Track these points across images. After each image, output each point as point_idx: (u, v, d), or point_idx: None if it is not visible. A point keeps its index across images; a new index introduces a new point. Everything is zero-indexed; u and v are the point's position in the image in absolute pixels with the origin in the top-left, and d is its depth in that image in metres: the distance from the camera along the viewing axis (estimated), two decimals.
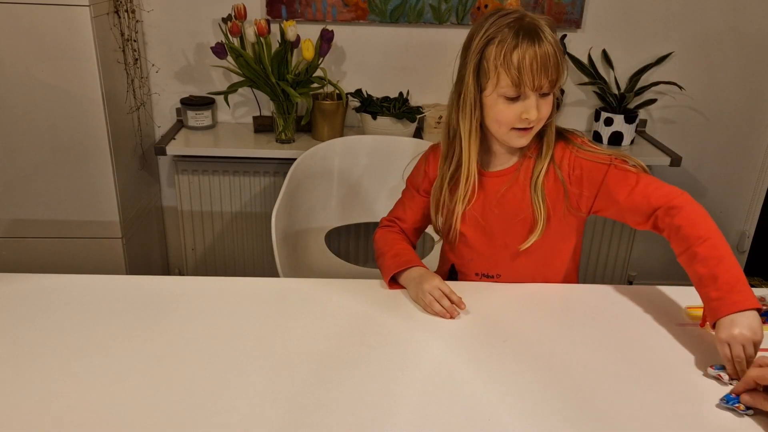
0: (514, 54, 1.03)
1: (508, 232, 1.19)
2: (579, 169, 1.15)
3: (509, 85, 1.05)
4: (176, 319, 1.04)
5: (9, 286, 1.12)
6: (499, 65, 1.04)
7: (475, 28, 1.09)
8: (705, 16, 2.07)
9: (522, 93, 1.06)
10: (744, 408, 0.86)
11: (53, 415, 0.83)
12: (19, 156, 1.75)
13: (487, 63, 1.06)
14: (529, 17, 1.06)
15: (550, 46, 1.04)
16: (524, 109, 1.07)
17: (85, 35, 1.63)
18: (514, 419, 0.85)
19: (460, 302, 1.07)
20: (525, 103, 1.07)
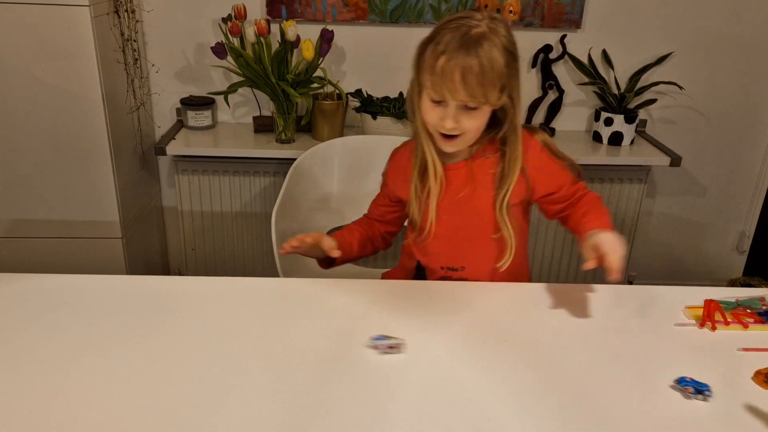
0: (440, 59, 1.03)
1: (469, 225, 1.21)
2: (540, 162, 1.20)
3: (431, 88, 1.06)
4: (176, 319, 1.04)
5: (9, 286, 1.12)
6: (427, 67, 1.06)
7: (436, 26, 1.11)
8: (705, 16, 2.07)
9: (444, 100, 1.06)
10: (693, 391, 0.89)
11: (53, 415, 0.83)
12: (19, 156, 1.75)
13: (423, 62, 1.07)
14: (481, 30, 1.04)
15: (479, 61, 1.02)
16: (443, 116, 1.08)
17: (85, 35, 1.63)
18: (514, 419, 0.85)
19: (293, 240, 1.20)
20: (445, 110, 1.08)
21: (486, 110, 1.09)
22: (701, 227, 2.39)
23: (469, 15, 1.07)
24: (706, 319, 1.08)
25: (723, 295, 1.15)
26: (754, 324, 1.09)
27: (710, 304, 1.10)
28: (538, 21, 2.04)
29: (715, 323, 1.08)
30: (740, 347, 1.02)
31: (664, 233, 2.39)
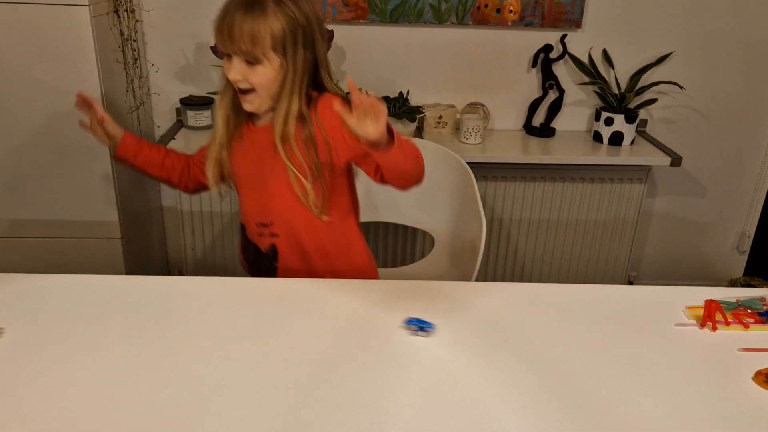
0: (220, 14, 1.13)
1: (273, 181, 1.24)
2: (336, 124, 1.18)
3: (217, 41, 1.15)
4: (176, 319, 1.04)
5: (9, 286, 1.12)
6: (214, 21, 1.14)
7: None
8: (705, 15, 2.07)
9: (227, 52, 1.14)
10: (417, 329, 0.92)
11: (53, 415, 0.83)
12: (18, 156, 1.75)
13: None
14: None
15: (252, 19, 1.10)
16: (228, 68, 1.15)
17: (84, 35, 1.63)
18: (514, 419, 0.85)
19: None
20: (230, 63, 1.15)
21: (268, 68, 1.14)
22: (701, 227, 2.39)
23: None
24: (706, 320, 1.08)
25: (723, 296, 1.14)
26: (755, 324, 1.08)
27: (711, 305, 1.10)
28: (538, 21, 2.04)
29: (716, 323, 1.08)
30: (740, 347, 1.02)
31: (664, 233, 2.39)
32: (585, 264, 2.22)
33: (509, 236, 2.17)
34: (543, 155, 2.02)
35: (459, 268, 1.61)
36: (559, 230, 2.16)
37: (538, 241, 2.18)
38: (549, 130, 2.15)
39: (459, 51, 2.09)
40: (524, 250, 2.19)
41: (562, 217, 2.14)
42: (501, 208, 2.12)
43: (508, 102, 2.16)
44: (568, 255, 2.20)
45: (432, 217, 1.78)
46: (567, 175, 2.07)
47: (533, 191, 2.09)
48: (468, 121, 2.01)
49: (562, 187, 2.09)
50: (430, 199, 1.77)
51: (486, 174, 2.03)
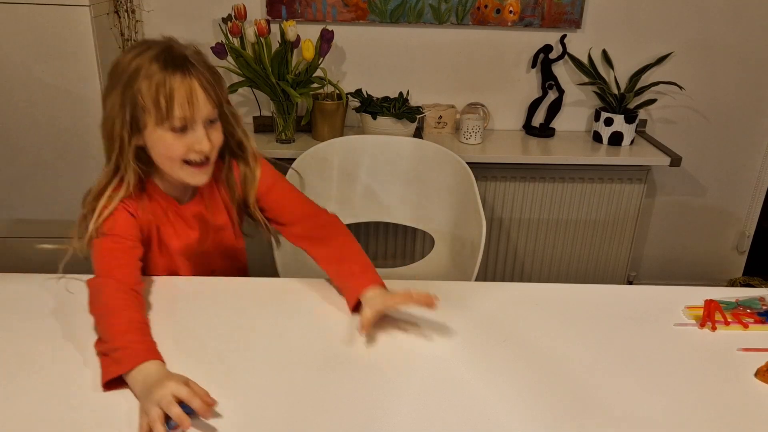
0: (165, 87, 0.98)
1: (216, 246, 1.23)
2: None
3: (158, 118, 1.00)
4: (176, 319, 1.04)
5: (9, 286, 1.12)
6: (147, 99, 0.99)
7: (121, 58, 1.04)
8: (705, 16, 2.07)
9: (189, 125, 1.02)
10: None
11: (53, 415, 0.83)
12: (19, 156, 1.75)
13: (143, 98, 0.99)
14: (177, 47, 1.04)
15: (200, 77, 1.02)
16: (194, 140, 1.03)
17: (85, 35, 1.63)
18: (514, 419, 0.85)
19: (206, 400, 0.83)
20: (194, 134, 1.03)
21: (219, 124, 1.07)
22: (701, 227, 2.39)
23: (151, 41, 1.05)
24: (706, 320, 1.08)
25: (723, 295, 1.15)
26: (754, 324, 1.09)
27: (710, 305, 1.10)
28: (538, 21, 2.04)
29: (716, 323, 1.08)
30: (740, 347, 1.02)
31: (663, 233, 2.39)
32: (585, 264, 2.22)
33: (509, 236, 2.17)
34: (543, 155, 2.02)
35: (459, 268, 1.61)
36: (559, 230, 2.16)
37: (538, 241, 2.18)
38: (549, 131, 2.15)
39: (459, 51, 2.09)
40: (524, 250, 2.19)
41: (562, 217, 2.14)
42: (501, 208, 2.12)
43: (508, 102, 2.16)
44: (568, 255, 2.20)
45: (432, 217, 1.78)
46: (567, 175, 2.07)
47: (533, 191, 2.09)
48: (468, 121, 2.01)
49: (562, 187, 2.09)
50: (430, 199, 1.78)
51: (486, 174, 2.03)
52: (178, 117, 1.00)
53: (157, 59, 1.00)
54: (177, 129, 1.02)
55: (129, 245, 1.06)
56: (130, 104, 1.00)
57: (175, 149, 1.03)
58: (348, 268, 1.10)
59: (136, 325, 0.94)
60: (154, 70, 0.99)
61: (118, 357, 0.87)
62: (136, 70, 0.99)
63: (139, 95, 0.99)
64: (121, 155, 1.05)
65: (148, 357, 0.87)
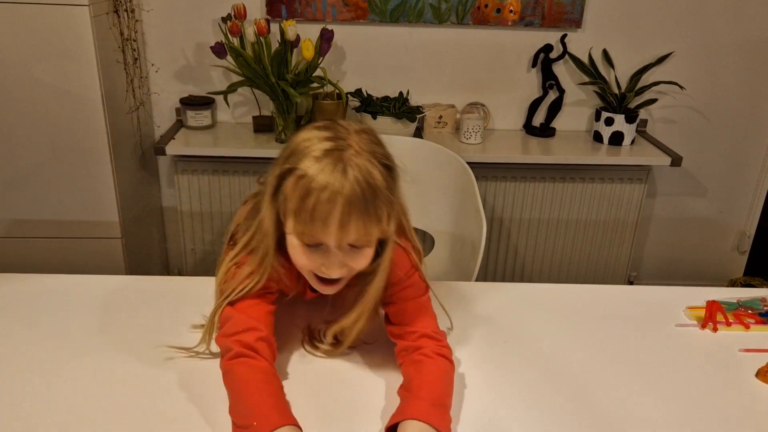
0: (310, 198, 0.79)
1: None
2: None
3: (302, 233, 0.82)
4: (176, 319, 1.04)
5: (9, 286, 1.12)
6: (292, 203, 0.82)
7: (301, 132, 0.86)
8: (705, 15, 2.07)
9: (320, 243, 0.83)
10: None
11: (53, 415, 0.82)
12: (18, 156, 1.74)
13: (285, 195, 0.83)
14: (353, 150, 0.81)
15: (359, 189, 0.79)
16: (324, 263, 0.85)
17: (84, 35, 1.63)
18: (514, 419, 0.85)
19: None
20: (326, 255, 0.85)
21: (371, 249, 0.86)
22: (702, 227, 2.39)
23: (326, 132, 0.84)
24: (708, 320, 1.08)
25: (724, 296, 1.14)
26: (756, 325, 1.08)
27: (712, 305, 1.10)
28: (538, 21, 2.04)
29: (717, 324, 1.07)
30: (741, 348, 1.02)
31: (664, 233, 2.39)
32: (585, 264, 2.22)
33: (509, 236, 2.17)
34: (543, 155, 2.01)
35: (459, 268, 1.61)
36: (559, 230, 2.16)
37: (538, 241, 2.18)
38: (549, 130, 2.15)
39: (459, 51, 2.08)
40: (524, 250, 2.19)
41: (562, 217, 2.14)
42: (501, 208, 2.12)
43: (508, 102, 2.16)
44: (569, 255, 2.20)
45: (432, 217, 1.78)
46: (567, 175, 2.07)
47: (533, 191, 2.09)
48: (468, 121, 2.01)
49: (562, 187, 2.09)
50: (430, 199, 1.77)
51: (486, 174, 2.03)
52: (305, 233, 0.82)
53: (317, 161, 0.81)
54: (309, 244, 0.84)
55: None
56: (281, 194, 0.84)
57: (302, 262, 0.87)
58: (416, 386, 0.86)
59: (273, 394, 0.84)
60: (306, 170, 0.80)
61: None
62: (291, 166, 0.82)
63: (285, 195, 0.83)
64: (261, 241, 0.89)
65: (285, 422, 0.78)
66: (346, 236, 0.81)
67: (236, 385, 0.84)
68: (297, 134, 0.86)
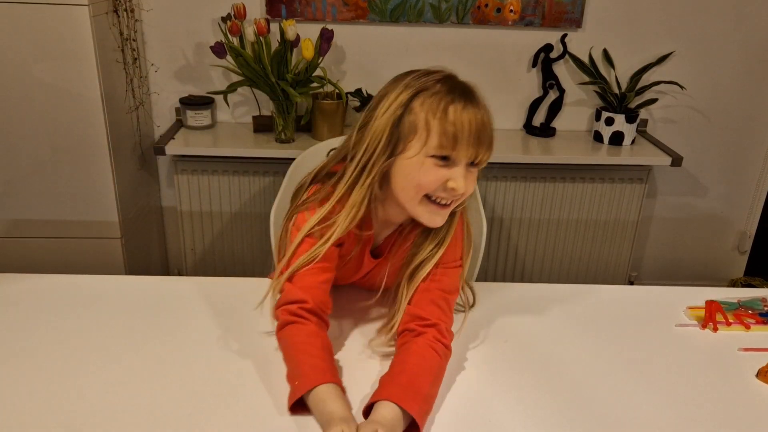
0: (450, 108, 0.88)
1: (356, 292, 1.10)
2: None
3: (438, 146, 0.89)
4: (175, 320, 1.04)
5: (9, 286, 1.12)
6: (431, 118, 0.88)
7: (391, 85, 0.94)
8: (706, 15, 2.07)
9: (453, 157, 0.90)
10: None
11: (53, 415, 0.82)
12: (18, 156, 1.74)
13: (415, 117, 0.89)
14: (460, 79, 0.94)
15: (487, 114, 0.93)
16: (451, 176, 0.91)
17: (84, 35, 1.63)
18: (514, 419, 0.85)
19: None
20: (454, 170, 0.91)
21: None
22: (702, 227, 2.39)
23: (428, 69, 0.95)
24: (708, 321, 1.08)
25: (724, 296, 1.14)
26: (756, 324, 1.08)
27: (711, 305, 1.10)
28: (538, 20, 2.04)
29: (717, 324, 1.07)
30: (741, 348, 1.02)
31: (664, 233, 2.39)
32: (585, 264, 2.22)
33: (509, 236, 2.17)
34: (543, 155, 2.01)
35: None
36: (560, 230, 2.15)
37: (538, 241, 2.17)
38: (549, 130, 2.15)
39: (459, 50, 2.08)
40: (524, 250, 2.19)
41: (562, 217, 2.13)
42: (501, 208, 2.12)
43: (508, 101, 2.16)
44: (569, 255, 2.20)
45: None
46: (567, 175, 2.07)
47: (533, 191, 2.09)
48: None
49: (563, 187, 2.09)
50: None
51: (486, 174, 2.03)
52: (446, 146, 0.89)
53: (441, 82, 0.91)
54: (442, 159, 0.90)
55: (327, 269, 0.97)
56: (401, 125, 0.90)
57: (430, 179, 0.91)
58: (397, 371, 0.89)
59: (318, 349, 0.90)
60: (437, 93, 0.90)
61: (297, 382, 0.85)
62: (418, 91, 0.90)
63: (417, 117, 0.89)
64: (365, 177, 0.93)
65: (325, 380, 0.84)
66: (479, 148, 0.90)
67: (285, 350, 0.93)
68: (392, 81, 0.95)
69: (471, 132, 0.89)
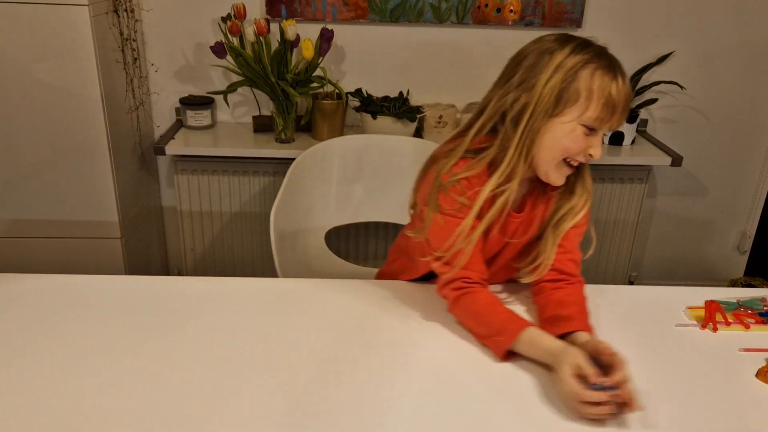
0: (614, 85, 0.96)
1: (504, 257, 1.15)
2: None
3: (596, 118, 0.97)
4: (175, 320, 1.04)
5: (9, 286, 1.12)
6: (597, 90, 0.96)
7: (553, 45, 0.99)
8: (706, 15, 2.07)
9: (599, 127, 0.99)
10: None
11: (53, 415, 0.82)
12: (18, 156, 1.74)
13: (582, 85, 0.96)
14: (609, 53, 1.00)
15: (629, 88, 1.00)
16: (593, 144, 1.01)
17: (84, 35, 1.63)
18: (514, 419, 0.85)
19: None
20: (596, 138, 1.01)
21: None
22: (702, 227, 2.39)
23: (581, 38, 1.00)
24: (708, 321, 1.08)
25: (724, 296, 1.14)
26: (756, 324, 1.08)
27: (711, 305, 1.10)
28: (538, 20, 2.04)
29: (717, 324, 1.07)
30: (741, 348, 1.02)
31: (665, 233, 2.38)
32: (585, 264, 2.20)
33: None
34: None
35: None
36: None
37: None
38: None
39: (459, 50, 2.08)
40: None
41: None
42: None
43: None
44: None
45: None
46: None
47: None
48: None
49: None
50: None
51: None
52: (604, 119, 0.97)
53: (601, 56, 0.98)
54: (590, 127, 0.99)
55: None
56: (567, 90, 0.97)
57: (577, 145, 1.00)
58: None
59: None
60: (603, 67, 0.96)
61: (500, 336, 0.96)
62: (587, 61, 0.96)
63: (583, 86, 0.96)
64: (518, 139, 1.00)
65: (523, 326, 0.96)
66: (621, 120, 1.00)
67: (468, 317, 1.02)
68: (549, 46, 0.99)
69: (623, 107, 0.98)
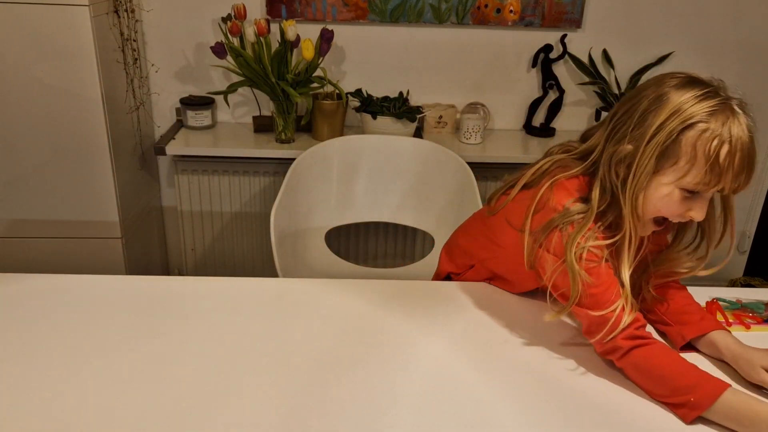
0: (722, 150, 0.86)
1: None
2: None
3: (700, 183, 0.88)
4: (176, 320, 1.04)
5: (9, 286, 1.12)
6: (700, 156, 0.86)
7: (670, 92, 0.89)
8: (705, 16, 2.07)
9: (703, 191, 0.90)
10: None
11: (53, 415, 0.82)
12: (18, 156, 1.74)
13: (680, 147, 0.87)
14: (734, 100, 0.89)
15: (752, 148, 0.87)
16: (693, 208, 0.92)
17: (84, 35, 1.63)
18: (514, 419, 0.85)
19: None
20: (698, 201, 0.91)
21: None
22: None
23: (699, 81, 0.90)
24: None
25: (724, 296, 1.14)
26: (756, 325, 1.08)
27: (711, 305, 1.10)
28: (538, 21, 2.04)
29: None
30: None
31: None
32: None
33: None
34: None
35: None
36: None
37: None
38: (549, 130, 2.15)
39: (459, 51, 2.08)
40: None
41: None
42: None
43: (508, 102, 2.16)
44: None
45: (432, 217, 1.78)
46: None
47: None
48: (468, 121, 2.01)
49: None
50: (430, 199, 1.77)
51: (486, 174, 2.03)
52: (709, 186, 0.88)
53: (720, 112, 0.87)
54: (690, 191, 0.90)
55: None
56: (668, 148, 0.88)
57: (673, 210, 0.92)
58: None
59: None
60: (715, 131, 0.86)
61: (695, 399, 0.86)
62: (695, 121, 0.87)
63: (685, 149, 0.87)
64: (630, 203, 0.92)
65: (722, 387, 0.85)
66: (736, 181, 0.88)
67: (648, 373, 0.90)
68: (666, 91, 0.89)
69: (735, 170, 0.87)
